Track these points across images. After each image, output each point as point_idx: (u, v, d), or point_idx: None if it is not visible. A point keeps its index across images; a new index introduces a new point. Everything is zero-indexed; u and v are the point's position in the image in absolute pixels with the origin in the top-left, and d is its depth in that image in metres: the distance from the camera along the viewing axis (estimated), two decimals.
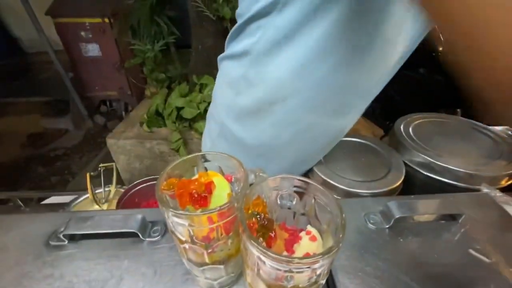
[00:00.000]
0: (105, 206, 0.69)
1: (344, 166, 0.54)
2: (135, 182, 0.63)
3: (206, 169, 0.26)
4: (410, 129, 0.60)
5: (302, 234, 0.21)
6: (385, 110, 1.87)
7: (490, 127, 0.66)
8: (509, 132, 0.70)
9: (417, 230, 0.35)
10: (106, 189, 0.71)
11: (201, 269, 0.25)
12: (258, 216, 0.21)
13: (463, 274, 0.30)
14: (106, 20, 2.18)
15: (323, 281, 0.20)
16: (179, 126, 1.46)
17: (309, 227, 0.22)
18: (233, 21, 1.32)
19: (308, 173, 0.56)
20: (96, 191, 0.69)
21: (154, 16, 1.49)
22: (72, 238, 0.34)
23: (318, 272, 0.18)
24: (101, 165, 0.71)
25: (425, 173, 0.53)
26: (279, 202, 0.24)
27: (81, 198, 0.69)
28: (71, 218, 0.34)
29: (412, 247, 0.33)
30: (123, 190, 0.68)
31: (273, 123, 0.43)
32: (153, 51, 1.53)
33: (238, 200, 0.21)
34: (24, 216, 0.38)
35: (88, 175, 0.67)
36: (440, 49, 1.72)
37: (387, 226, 0.35)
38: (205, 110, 1.43)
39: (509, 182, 0.51)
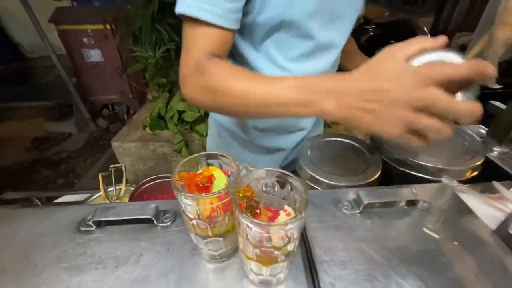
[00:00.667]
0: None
1: (329, 162, 0.61)
2: (143, 181, 0.70)
3: (208, 165, 0.34)
4: None
5: (281, 212, 0.29)
6: None
7: (463, 127, 0.73)
8: (482, 131, 0.77)
9: (383, 214, 0.42)
10: (117, 187, 0.78)
11: (205, 242, 0.32)
12: (247, 198, 0.28)
13: (416, 247, 0.37)
14: (108, 26, 2.25)
15: (294, 244, 0.27)
16: (181, 129, 1.53)
17: (286, 207, 0.29)
18: None
19: (297, 169, 0.63)
20: (108, 190, 0.76)
21: (155, 24, 1.57)
22: (99, 224, 0.41)
23: (288, 235, 0.25)
24: (111, 166, 0.78)
25: (401, 168, 0.60)
26: (264, 189, 0.31)
27: (94, 196, 0.76)
28: (97, 208, 0.42)
29: (376, 227, 0.40)
30: (132, 188, 0.75)
31: None
32: (154, 58, 1.60)
33: (232, 187, 0.28)
34: (55, 208, 0.45)
35: (100, 175, 0.74)
36: None
37: (357, 211, 0.42)
38: (206, 113, 1.50)
39: (473, 174, 0.58)
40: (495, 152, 0.67)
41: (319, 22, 0.51)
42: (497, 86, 0.60)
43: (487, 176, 0.55)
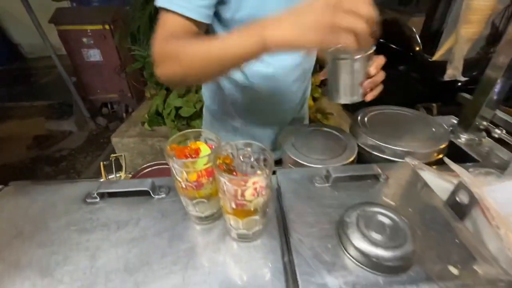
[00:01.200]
0: None
1: (309, 148, 0.67)
2: (142, 166, 0.77)
3: (195, 141, 0.40)
4: (366, 119, 0.74)
5: (253, 175, 0.35)
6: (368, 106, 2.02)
7: (435, 117, 0.80)
8: (453, 121, 0.84)
9: (349, 187, 0.49)
10: (117, 175, 0.84)
11: (193, 203, 0.38)
12: (226, 164, 0.34)
13: None
14: (107, 27, 2.31)
15: (263, 200, 0.33)
16: (178, 124, 1.59)
17: (258, 171, 0.35)
18: None
19: (281, 155, 0.69)
20: (109, 177, 0.82)
21: (153, 24, 1.63)
22: (102, 196, 0.47)
23: (257, 190, 0.32)
24: (112, 155, 0.84)
25: (374, 152, 0.66)
26: (242, 159, 0.38)
27: None
28: (101, 183, 0.48)
29: (343, 197, 0.47)
30: (131, 176, 0.81)
31: None
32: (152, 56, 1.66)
33: (214, 156, 0.34)
34: (64, 184, 0.52)
35: (102, 163, 0.81)
36: (417, 49, 1.87)
37: (327, 184, 0.49)
38: (201, 109, 1.56)
39: (439, 157, 0.64)
40: (463, 138, 0.74)
41: None
42: (464, 79, 0.67)
43: (455, 159, 0.61)
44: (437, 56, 0.72)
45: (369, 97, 0.54)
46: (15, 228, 0.43)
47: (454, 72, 0.67)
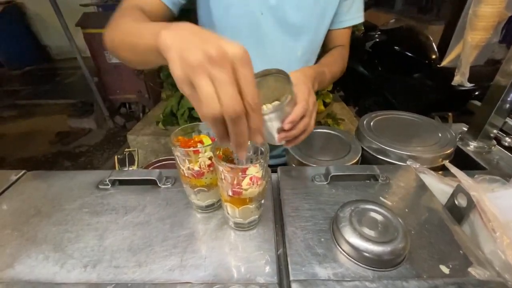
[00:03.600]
0: None
1: (314, 150, 0.69)
2: (152, 161, 0.80)
3: (199, 133, 0.43)
4: (371, 123, 0.75)
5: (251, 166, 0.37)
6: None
7: (444, 123, 0.79)
8: (464, 128, 0.83)
9: (347, 185, 0.50)
10: (130, 168, 0.88)
11: (195, 191, 0.41)
12: (225, 155, 0.37)
13: None
14: None
15: (258, 190, 0.35)
16: None
17: (255, 163, 0.37)
18: None
19: (286, 155, 0.71)
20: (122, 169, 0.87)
21: None
22: (113, 183, 0.51)
23: (253, 180, 0.34)
24: (126, 149, 0.89)
25: (378, 156, 0.67)
26: None
27: None
28: (112, 172, 0.52)
29: (340, 195, 0.48)
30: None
31: None
32: None
33: (214, 148, 0.37)
34: (79, 172, 0.56)
35: (116, 157, 0.85)
36: (433, 57, 1.84)
37: (326, 182, 0.50)
38: None
39: (444, 162, 0.64)
40: (472, 146, 0.73)
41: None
42: (469, 85, 0.67)
43: (463, 166, 0.61)
44: (445, 62, 0.72)
45: (289, 145, 0.49)
46: (34, 208, 0.47)
47: (461, 78, 0.67)
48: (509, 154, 0.69)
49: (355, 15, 0.73)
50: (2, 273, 0.37)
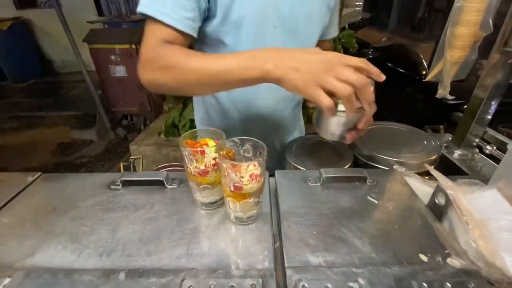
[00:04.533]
0: None
1: (308, 156, 0.74)
2: (158, 166, 0.85)
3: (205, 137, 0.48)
4: None
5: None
6: None
7: (430, 133, 0.85)
8: (449, 138, 0.89)
9: (339, 187, 0.54)
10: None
11: (200, 188, 0.45)
12: (228, 155, 0.42)
13: (358, 207, 0.49)
14: (133, 46, 2.53)
15: (257, 186, 0.40)
16: None
17: (254, 161, 0.42)
18: None
19: (283, 161, 0.76)
20: None
21: None
22: (124, 184, 0.55)
23: (252, 176, 0.38)
24: (131, 157, 0.93)
25: (368, 162, 0.72)
26: (242, 153, 0.45)
27: None
28: (123, 173, 0.56)
29: (331, 194, 0.52)
30: None
31: None
32: None
33: (219, 148, 0.42)
34: (92, 174, 0.60)
35: (121, 164, 0.90)
36: (424, 73, 1.93)
37: (319, 184, 0.55)
38: None
39: (432, 166, 0.69)
40: (456, 154, 0.78)
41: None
42: (451, 98, 0.73)
43: (448, 172, 0.66)
44: (429, 77, 0.78)
45: (349, 141, 0.55)
46: (51, 206, 0.51)
47: (444, 92, 0.73)
48: (490, 161, 0.74)
49: (336, 28, 0.80)
50: (24, 262, 0.40)
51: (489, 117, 0.72)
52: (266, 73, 0.43)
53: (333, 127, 0.51)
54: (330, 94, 0.42)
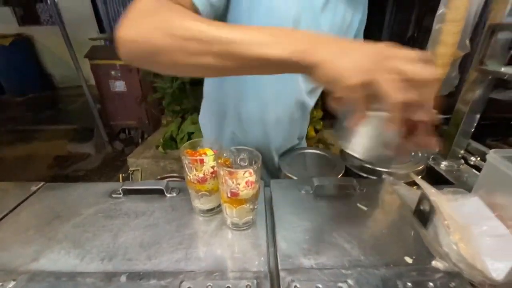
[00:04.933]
0: None
1: (303, 167, 0.77)
2: (157, 177, 0.87)
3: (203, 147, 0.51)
4: None
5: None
6: None
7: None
8: (436, 149, 0.93)
9: (330, 196, 0.57)
10: None
11: (198, 195, 0.48)
12: (225, 163, 0.45)
13: (347, 213, 0.52)
14: None
15: (252, 192, 0.43)
16: None
17: (250, 169, 0.45)
18: None
19: (278, 172, 0.79)
20: None
21: None
22: (125, 193, 0.58)
23: (248, 183, 0.41)
24: (130, 169, 0.96)
25: (359, 172, 0.75)
26: (239, 162, 0.48)
27: None
28: (124, 183, 0.59)
29: (323, 201, 0.55)
30: None
31: None
32: (171, 88, 1.86)
33: (217, 157, 0.45)
34: (93, 184, 0.62)
35: (121, 175, 0.92)
36: None
37: (311, 192, 0.57)
38: None
39: (419, 177, 0.72)
40: (442, 165, 0.82)
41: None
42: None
43: (435, 182, 0.69)
44: None
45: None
46: (54, 213, 0.53)
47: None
48: (475, 171, 0.78)
49: None
50: (28, 266, 0.42)
51: (472, 129, 0.76)
52: (300, 53, 0.31)
53: (371, 133, 0.37)
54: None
